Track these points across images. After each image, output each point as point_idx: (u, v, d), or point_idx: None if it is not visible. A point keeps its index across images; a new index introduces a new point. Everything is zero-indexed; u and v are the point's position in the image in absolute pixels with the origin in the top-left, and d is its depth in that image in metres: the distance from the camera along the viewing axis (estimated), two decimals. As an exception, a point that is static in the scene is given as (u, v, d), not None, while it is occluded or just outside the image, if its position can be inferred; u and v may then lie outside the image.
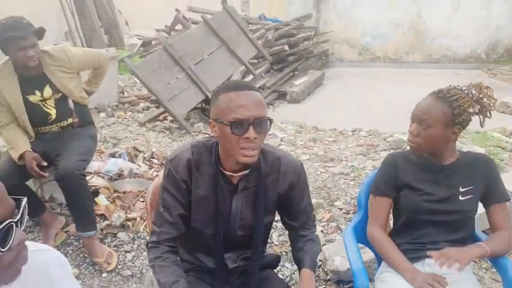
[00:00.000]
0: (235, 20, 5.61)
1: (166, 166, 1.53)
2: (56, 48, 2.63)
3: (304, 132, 4.98)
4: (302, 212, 1.64)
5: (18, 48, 2.34)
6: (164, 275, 1.45)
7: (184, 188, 1.50)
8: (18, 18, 2.41)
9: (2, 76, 2.50)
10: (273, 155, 1.55)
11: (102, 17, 8.62)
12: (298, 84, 7.18)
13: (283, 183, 1.56)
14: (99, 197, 3.10)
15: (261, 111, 1.36)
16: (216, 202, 1.51)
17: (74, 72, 2.65)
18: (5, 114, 2.57)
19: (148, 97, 5.46)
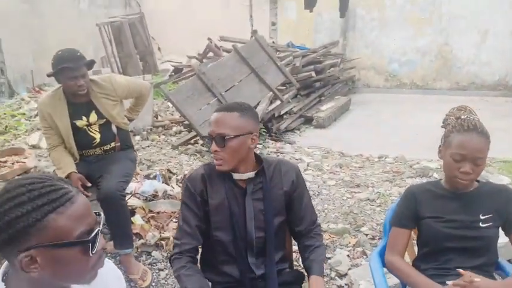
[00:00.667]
0: (264, 49, 5.83)
1: (183, 184, 1.80)
2: (103, 78, 2.88)
3: (330, 158, 5.08)
4: (304, 214, 1.83)
5: (70, 77, 2.58)
6: (190, 283, 1.62)
7: (200, 200, 1.72)
8: (73, 50, 2.66)
9: (53, 102, 2.75)
10: (273, 161, 1.84)
11: (137, 44, 9.06)
12: (324, 110, 7.30)
13: (287, 182, 1.79)
14: (135, 217, 3.29)
15: (221, 129, 1.63)
16: (229, 206, 1.72)
17: (118, 100, 2.87)
18: (54, 137, 2.81)
19: (180, 121, 5.69)
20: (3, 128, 5.85)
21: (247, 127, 1.67)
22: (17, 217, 0.93)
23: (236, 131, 1.64)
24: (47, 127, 2.79)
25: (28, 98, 7.34)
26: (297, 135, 6.34)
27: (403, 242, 1.84)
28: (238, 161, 1.68)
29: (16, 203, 0.94)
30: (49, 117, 2.74)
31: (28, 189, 0.96)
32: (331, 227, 3.40)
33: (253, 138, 1.70)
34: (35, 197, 0.96)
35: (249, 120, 1.69)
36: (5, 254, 0.98)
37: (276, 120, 6.25)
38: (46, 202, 0.96)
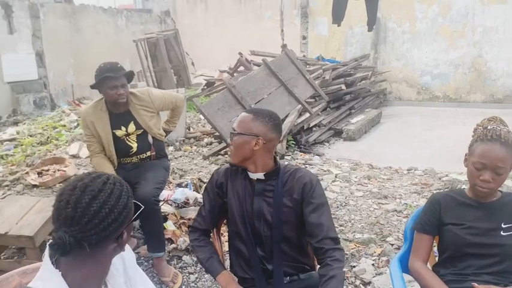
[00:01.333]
0: (293, 62, 5.96)
1: (212, 174, 1.99)
2: (141, 91, 3.08)
3: (359, 170, 5.11)
4: (316, 227, 1.77)
5: (111, 87, 2.78)
6: (201, 253, 1.91)
7: (217, 191, 1.91)
8: (114, 63, 2.88)
9: (95, 112, 2.96)
10: (291, 168, 1.90)
11: (172, 59, 9.40)
12: (354, 122, 7.32)
13: (298, 188, 1.82)
14: (167, 222, 3.44)
15: (234, 124, 1.85)
16: (242, 201, 1.86)
17: (155, 112, 3.05)
18: (95, 145, 3.01)
19: (211, 133, 5.87)
20: (45, 139, 6.21)
21: (254, 130, 1.79)
22: (123, 207, 1.16)
23: (242, 129, 1.80)
24: (89, 135, 2.99)
25: (68, 111, 7.75)
26: (326, 148, 6.39)
27: (426, 248, 1.88)
28: (242, 158, 1.81)
29: (116, 196, 1.15)
30: (91, 126, 2.94)
31: (112, 183, 1.17)
32: (357, 237, 3.44)
33: (258, 142, 1.79)
34: (120, 189, 1.17)
35: (258, 124, 1.80)
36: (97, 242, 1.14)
37: (305, 133, 6.33)
38: (126, 190, 1.20)
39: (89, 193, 1.12)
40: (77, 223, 1.09)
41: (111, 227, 1.13)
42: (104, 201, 1.12)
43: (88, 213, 1.10)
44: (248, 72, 7.43)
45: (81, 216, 1.10)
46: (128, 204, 1.18)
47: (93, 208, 1.10)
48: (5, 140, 6.32)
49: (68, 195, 1.12)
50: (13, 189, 4.32)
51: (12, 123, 7.51)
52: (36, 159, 5.09)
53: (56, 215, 1.13)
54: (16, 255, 3.23)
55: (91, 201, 1.11)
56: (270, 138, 1.83)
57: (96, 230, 1.11)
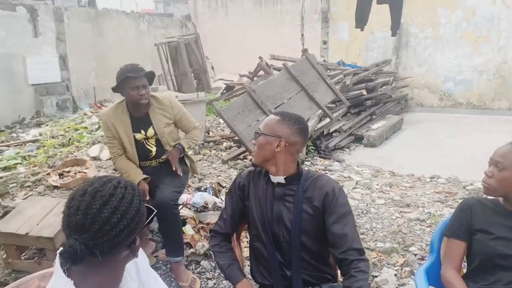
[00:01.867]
0: (314, 67, 5.91)
1: (235, 177, 1.99)
2: (163, 95, 3.08)
3: (380, 177, 5.01)
4: (340, 238, 1.69)
5: (132, 87, 2.76)
6: (222, 259, 1.89)
7: (239, 193, 1.90)
8: (134, 64, 2.88)
9: (116, 114, 2.95)
10: (313, 174, 1.85)
11: (192, 63, 9.44)
12: (375, 128, 7.21)
13: (319, 196, 1.77)
14: (186, 226, 3.42)
15: (260, 125, 1.86)
16: (262, 204, 1.83)
17: (172, 119, 3.00)
18: (117, 147, 2.99)
19: (230, 137, 5.85)
20: (67, 141, 6.28)
21: (278, 131, 1.78)
22: (135, 212, 1.12)
23: (266, 130, 1.80)
24: (110, 137, 2.97)
25: (90, 113, 7.85)
26: (346, 154, 6.30)
27: (459, 255, 1.82)
28: (263, 159, 1.80)
29: (128, 201, 1.12)
30: (112, 128, 2.93)
31: (123, 187, 1.14)
32: (378, 246, 3.36)
33: (279, 144, 1.76)
34: (132, 193, 1.14)
35: (283, 127, 1.78)
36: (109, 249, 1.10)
37: (324, 138, 6.26)
38: (138, 194, 1.16)
39: (100, 198, 1.08)
40: (88, 230, 1.06)
41: (123, 233, 1.09)
42: (115, 207, 1.09)
43: (99, 220, 1.06)
44: (268, 76, 7.40)
45: (91, 223, 1.06)
46: (140, 209, 1.14)
47: (104, 214, 1.07)
48: (28, 141, 6.42)
49: (78, 201, 1.09)
50: (35, 190, 4.37)
51: (35, 125, 7.64)
52: (57, 161, 5.15)
53: (66, 222, 1.09)
54: (36, 255, 3.25)
55: (102, 207, 1.07)
56: (294, 141, 1.79)
57: (107, 237, 1.07)
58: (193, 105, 5.45)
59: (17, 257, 3.13)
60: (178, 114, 3.03)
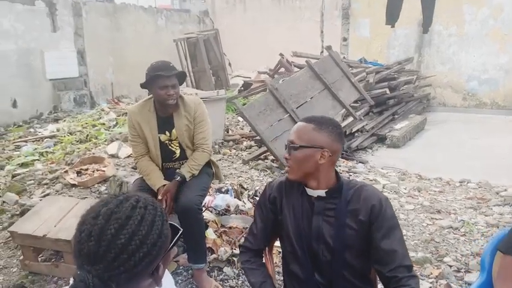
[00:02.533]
0: (338, 65, 5.71)
1: (264, 188, 1.83)
2: (191, 97, 2.92)
3: (407, 180, 4.81)
4: (389, 255, 1.53)
5: (161, 86, 2.60)
6: (253, 276, 1.75)
7: (270, 207, 1.75)
8: (166, 62, 2.72)
9: (142, 112, 2.80)
10: (355, 185, 1.67)
11: (211, 59, 9.30)
12: (399, 129, 6.99)
13: (364, 210, 1.58)
14: (208, 230, 3.28)
15: (293, 136, 1.63)
16: (298, 220, 1.66)
17: (192, 122, 2.82)
18: (141, 146, 2.85)
19: (251, 136, 5.70)
20: (84, 137, 6.20)
21: (319, 141, 1.60)
22: (157, 236, 0.95)
23: (305, 141, 1.60)
24: (135, 135, 2.83)
25: (107, 109, 7.76)
26: (369, 154, 6.11)
27: None
28: (304, 174, 1.63)
29: (148, 223, 0.95)
30: (138, 126, 2.79)
31: (143, 206, 0.97)
32: (410, 255, 3.17)
33: (323, 155, 1.60)
34: (153, 213, 0.97)
35: (323, 135, 1.60)
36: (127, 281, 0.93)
37: (347, 138, 6.07)
38: (160, 213, 0.99)
39: (115, 221, 0.91)
40: (102, 260, 0.90)
41: (143, 262, 0.92)
42: (133, 231, 0.92)
43: (115, 247, 0.90)
44: (289, 74, 7.23)
45: (106, 251, 0.90)
46: (163, 231, 0.97)
47: (120, 241, 0.90)
48: (46, 137, 6.36)
49: (90, 225, 0.92)
50: (52, 188, 4.28)
51: (53, 120, 7.59)
52: (75, 158, 5.06)
53: (77, 250, 0.92)
54: (54, 257, 3.15)
55: (118, 231, 0.91)
56: (336, 149, 1.63)
57: (125, 267, 0.90)
58: (213, 103, 5.31)
59: (34, 258, 3.03)
60: (197, 119, 2.83)
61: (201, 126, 2.85)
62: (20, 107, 7.44)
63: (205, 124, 2.87)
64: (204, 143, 2.86)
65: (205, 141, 2.86)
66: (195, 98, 2.96)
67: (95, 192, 4.19)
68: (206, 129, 2.87)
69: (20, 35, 7.40)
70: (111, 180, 4.28)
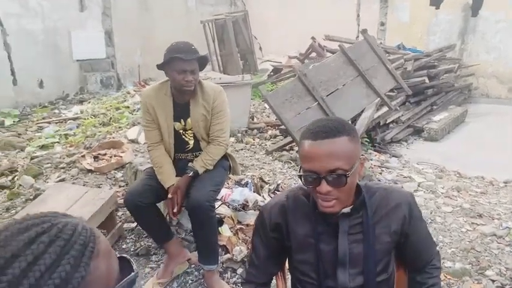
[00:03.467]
0: (374, 50, 5.30)
1: (258, 213, 1.52)
2: (211, 85, 2.60)
3: (445, 178, 4.39)
4: (420, 254, 1.45)
5: (179, 70, 2.33)
6: None
7: (274, 235, 1.44)
8: (188, 43, 2.41)
9: (158, 95, 2.52)
10: (378, 189, 1.39)
11: (239, 42, 8.98)
12: (437, 121, 6.51)
13: (396, 219, 1.35)
14: (223, 227, 3.03)
15: (336, 162, 1.20)
16: (317, 245, 1.35)
17: (209, 112, 2.54)
18: (154, 132, 2.59)
19: (276, 125, 5.39)
20: (107, 120, 6.06)
21: (358, 152, 1.28)
22: (60, 282, 0.62)
23: (352, 161, 1.23)
24: (149, 120, 2.57)
25: (133, 92, 7.62)
26: (403, 148, 5.69)
27: None
28: (348, 200, 1.32)
29: (46, 265, 0.62)
30: (152, 111, 2.52)
31: (54, 235, 0.65)
32: (447, 266, 2.83)
33: (362, 163, 1.32)
34: (61, 249, 0.65)
35: (357, 142, 1.28)
36: None
37: (380, 129, 5.68)
38: (81, 248, 0.67)
39: None
40: None
41: None
42: (14, 277, 0.60)
43: None
44: (321, 59, 6.83)
45: None
46: (73, 277, 0.64)
47: None
48: (69, 119, 6.26)
49: None
50: (68, 173, 4.14)
51: (78, 102, 7.51)
52: (94, 142, 4.91)
53: None
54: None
55: None
56: None
57: None
58: (238, 89, 5.02)
59: (39, 249, 2.87)
60: (216, 109, 2.53)
61: (219, 117, 2.55)
62: (46, 88, 7.38)
63: (223, 115, 2.57)
64: (221, 136, 2.58)
65: (221, 134, 2.58)
66: (215, 85, 2.63)
67: (111, 179, 4.02)
68: (224, 121, 2.58)
69: (47, 13, 7.30)
70: (127, 167, 4.10)
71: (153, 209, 2.51)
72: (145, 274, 2.76)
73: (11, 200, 3.73)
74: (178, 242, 2.78)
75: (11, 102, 6.77)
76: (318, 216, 1.35)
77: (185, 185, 2.47)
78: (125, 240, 3.11)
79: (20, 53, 6.88)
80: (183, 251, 2.76)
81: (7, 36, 6.71)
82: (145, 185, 2.52)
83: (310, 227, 1.36)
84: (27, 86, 7.05)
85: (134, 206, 2.45)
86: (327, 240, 1.35)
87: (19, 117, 6.32)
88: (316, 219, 1.35)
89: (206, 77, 5.03)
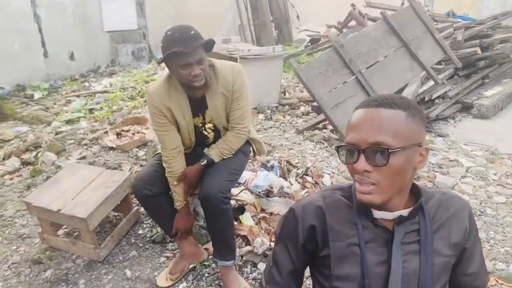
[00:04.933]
0: (421, 18, 4.76)
1: (285, 214, 1.24)
2: (226, 65, 2.20)
3: (498, 163, 3.92)
4: (475, 279, 1.19)
5: (182, 65, 1.94)
6: None
7: (305, 241, 1.16)
8: (186, 29, 1.99)
9: (171, 93, 2.14)
10: (435, 193, 1.15)
11: (274, 11, 8.52)
12: (489, 96, 5.92)
13: (457, 230, 1.12)
14: (244, 215, 2.78)
15: (380, 134, 0.99)
16: (363, 256, 1.09)
17: (229, 98, 2.19)
18: (172, 136, 2.21)
19: (310, 100, 5.02)
20: (136, 93, 5.89)
21: (417, 136, 1.03)
22: None
23: (403, 140, 1.01)
24: (163, 123, 2.19)
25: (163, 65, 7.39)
26: (450, 126, 5.18)
27: None
28: (398, 190, 1.05)
29: None
30: (167, 111, 2.16)
31: None
32: (498, 268, 2.47)
33: (422, 154, 1.06)
34: None
35: (420, 125, 1.04)
36: None
37: (425, 106, 5.20)
38: None
39: None
40: None
41: None
42: None
43: None
44: (361, 28, 6.32)
45: None
46: None
47: None
48: (98, 92, 6.14)
49: None
50: (90, 150, 4.00)
51: (109, 74, 7.39)
52: (119, 117, 4.75)
53: None
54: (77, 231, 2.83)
55: None
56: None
57: None
58: (268, 61, 4.66)
59: (52, 232, 2.75)
60: (235, 93, 2.18)
61: (239, 101, 2.21)
62: (77, 60, 7.29)
63: (243, 98, 2.22)
64: (241, 123, 2.25)
65: (241, 121, 2.25)
66: (231, 64, 2.24)
67: (132, 157, 3.84)
68: (245, 105, 2.24)
69: (76, -17, 7.13)
70: (149, 145, 3.91)
71: (163, 199, 2.27)
72: (159, 264, 2.57)
73: (33, 177, 3.64)
74: (194, 242, 2.53)
75: (42, 75, 6.72)
76: (363, 219, 1.11)
77: (194, 173, 2.20)
78: (141, 225, 2.93)
79: (50, 24, 6.77)
80: (198, 251, 2.49)
81: (37, 8, 6.60)
82: (154, 172, 2.26)
83: (354, 233, 1.11)
84: (58, 58, 6.97)
85: (142, 195, 2.22)
86: (375, 249, 1.09)
87: (49, 91, 6.26)
88: (364, 226, 1.11)
89: (234, 49, 4.70)
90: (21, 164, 3.88)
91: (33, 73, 6.56)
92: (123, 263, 2.57)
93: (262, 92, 4.75)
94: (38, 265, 2.59)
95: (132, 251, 2.66)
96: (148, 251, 2.66)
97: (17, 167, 3.83)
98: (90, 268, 2.54)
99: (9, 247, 2.78)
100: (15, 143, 4.35)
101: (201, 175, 2.23)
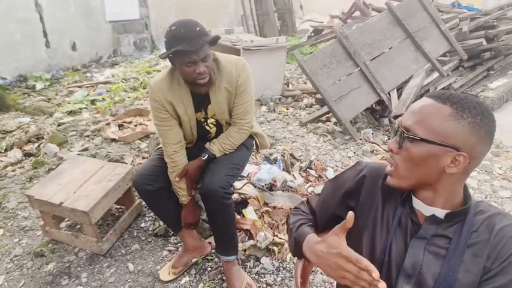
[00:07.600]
0: (426, 9, 4.70)
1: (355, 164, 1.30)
2: (230, 59, 2.15)
3: (503, 156, 3.89)
4: None
5: (187, 62, 1.90)
6: (294, 219, 1.33)
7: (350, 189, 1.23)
8: (191, 26, 1.91)
9: (173, 87, 2.10)
10: (487, 210, 1.05)
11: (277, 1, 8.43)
12: (494, 88, 5.86)
13: (499, 254, 0.98)
14: (247, 209, 2.77)
15: (411, 120, 1.02)
16: (387, 239, 1.09)
17: (233, 93, 2.15)
18: (174, 130, 2.18)
19: (313, 92, 4.97)
20: (138, 84, 5.85)
21: (454, 137, 0.97)
22: None
23: (430, 133, 0.98)
24: (165, 118, 2.15)
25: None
26: (454, 119, 5.13)
27: None
28: (417, 181, 1.04)
29: None
30: (169, 106, 2.12)
31: None
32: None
33: (457, 160, 0.98)
34: None
35: (462, 129, 0.96)
36: None
37: (429, 98, 5.14)
38: None
39: None
40: None
41: None
42: None
43: None
44: (365, 18, 6.24)
45: None
46: None
47: None
48: (100, 83, 6.10)
49: None
50: (92, 142, 3.98)
51: (111, 65, 7.34)
52: (121, 109, 4.72)
53: None
54: (80, 224, 2.83)
55: None
56: (479, 153, 1.00)
57: None
58: (271, 53, 4.61)
59: (54, 225, 2.73)
60: (239, 88, 2.15)
61: (243, 95, 2.17)
62: (79, 50, 7.23)
63: (247, 93, 2.18)
64: (243, 119, 2.22)
65: (244, 116, 2.22)
66: (235, 58, 2.19)
67: (135, 149, 3.82)
68: (248, 100, 2.20)
69: (78, -28, 7.05)
70: (151, 137, 3.89)
71: (165, 194, 2.24)
72: (162, 258, 2.56)
73: (35, 168, 3.63)
74: (197, 235, 2.52)
75: (44, 65, 6.67)
76: (404, 207, 1.12)
77: (195, 168, 2.18)
78: (143, 219, 2.92)
79: (52, 14, 6.70)
80: (201, 245, 2.49)
81: (38, -3, 6.54)
82: (155, 166, 2.24)
83: (390, 213, 1.13)
84: (60, 48, 6.91)
85: (143, 190, 2.19)
86: (401, 237, 1.09)
87: (50, 81, 6.22)
88: (401, 209, 1.12)
89: (237, 40, 4.65)
90: (23, 156, 3.86)
91: (35, 63, 6.52)
92: (126, 256, 2.56)
93: (265, 84, 4.70)
94: (40, 258, 2.59)
95: (135, 244, 2.65)
96: (151, 245, 2.65)
97: (19, 159, 3.81)
98: (92, 261, 2.54)
99: (11, 239, 2.77)
100: (17, 134, 4.33)
101: (202, 170, 2.21)
